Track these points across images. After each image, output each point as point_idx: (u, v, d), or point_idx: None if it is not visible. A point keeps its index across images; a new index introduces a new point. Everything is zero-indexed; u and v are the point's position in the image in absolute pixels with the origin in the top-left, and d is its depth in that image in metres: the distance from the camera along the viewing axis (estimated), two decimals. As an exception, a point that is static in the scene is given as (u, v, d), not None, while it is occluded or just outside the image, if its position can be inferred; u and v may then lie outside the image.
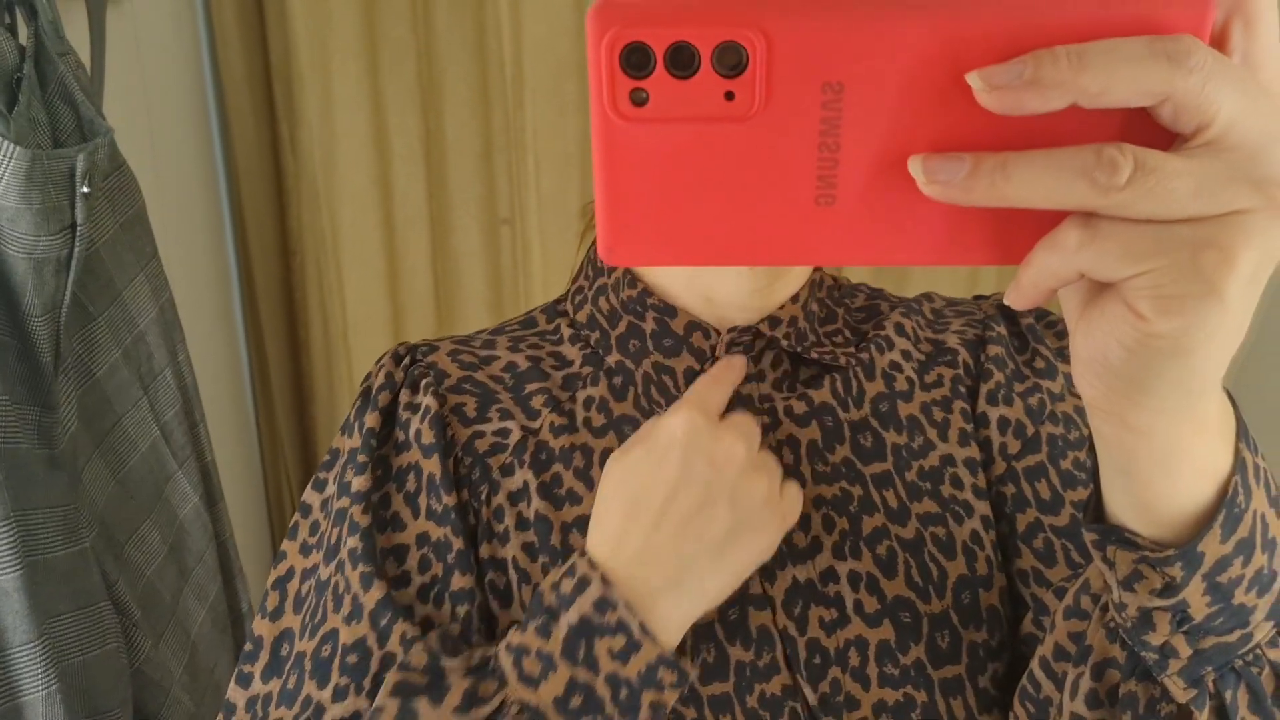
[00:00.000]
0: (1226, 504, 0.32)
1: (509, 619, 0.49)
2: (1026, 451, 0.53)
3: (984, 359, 0.56)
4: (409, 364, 0.55)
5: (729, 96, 0.27)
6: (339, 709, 0.46)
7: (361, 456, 0.52)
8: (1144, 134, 0.26)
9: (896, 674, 0.48)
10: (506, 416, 0.53)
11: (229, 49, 1.31)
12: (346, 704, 0.46)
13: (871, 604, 0.49)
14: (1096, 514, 0.37)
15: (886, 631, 0.48)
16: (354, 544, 0.49)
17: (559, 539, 0.50)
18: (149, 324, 0.98)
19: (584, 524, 0.50)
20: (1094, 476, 0.36)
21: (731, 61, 0.27)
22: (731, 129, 0.28)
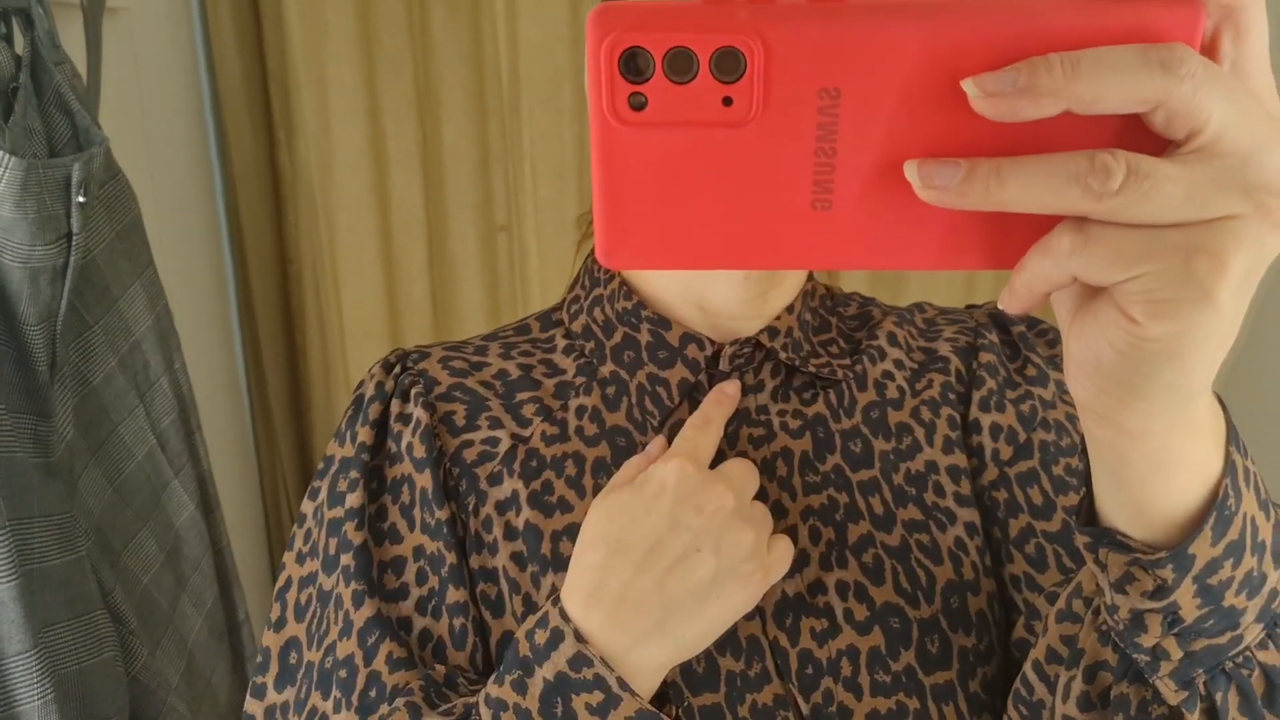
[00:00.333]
0: (1217, 506, 0.33)
1: (501, 629, 0.50)
2: (1019, 457, 0.53)
3: (976, 366, 0.56)
4: (399, 372, 0.55)
5: (727, 101, 0.28)
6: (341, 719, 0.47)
7: (354, 471, 0.52)
8: (1137, 140, 0.26)
9: (888, 681, 0.48)
10: (496, 425, 0.53)
11: (225, 57, 1.31)
12: (341, 717, 0.47)
13: (861, 611, 0.49)
14: (1089, 517, 0.37)
15: (877, 638, 0.48)
16: (348, 561, 0.50)
17: (549, 547, 0.50)
18: (145, 332, 0.98)
19: (574, 531, 0.50)
20: (1086, 479, 0.36)
21: (729, 67, 0.27)
22: (729, 134, 0.28)
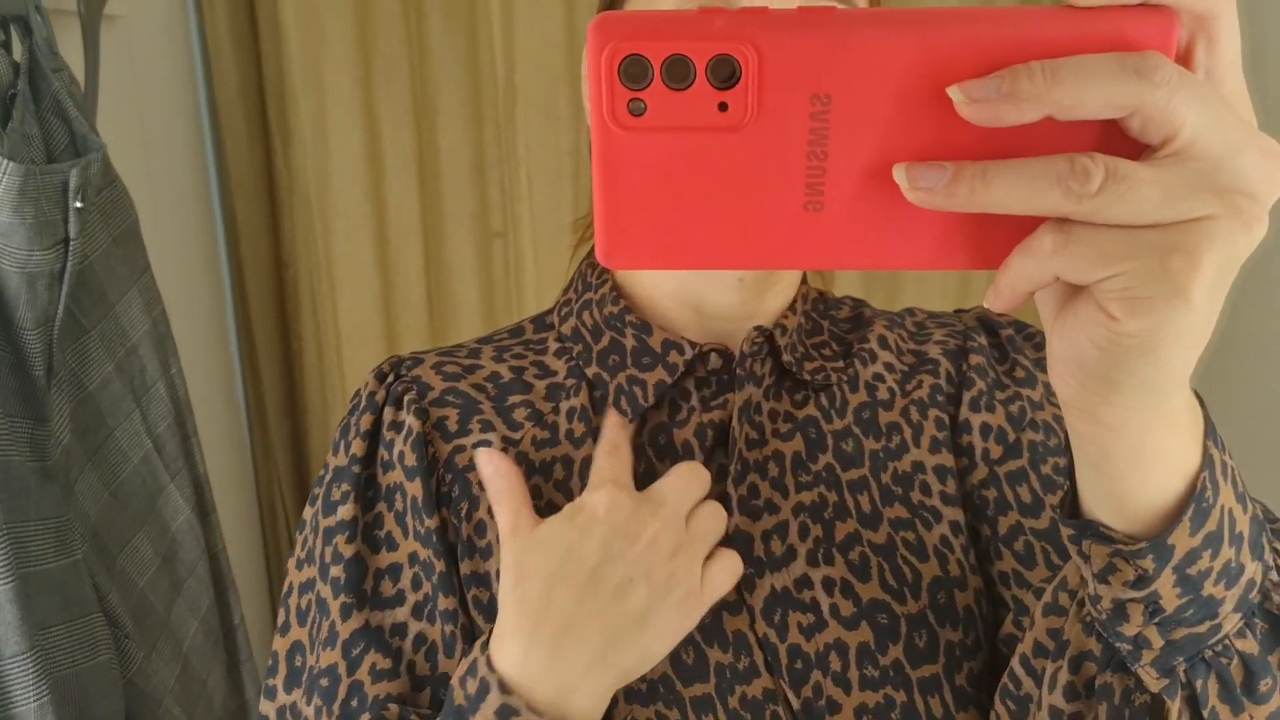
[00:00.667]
0: (1195, 499, 0.33)
1: None
2: (1008, 457, 0.54)
3: (966, 368, 0.57)
4: (393, 380, 0.56)
5: (722, 107, 0.29)
6: None
7: (346, 484, 0.53)
8: (1116, 145, 0.27)
9: (876, 675, 0.48)
10: (488, 428, 0.54)
11: (222, 64, 1.32)
12: None
13: (847, 607, 0.50)
14: (1073, 510, 0.38)
15: (865, 634, 0.49)
16: (337, 572, 0.51)
17: None
18: (142, 337, 0.98)
19: None
20: (1070, 474, 0.37)
21: (725, 74, 0.28)
22: (725, 138, 0.29)
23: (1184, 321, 0.27)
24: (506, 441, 0.54)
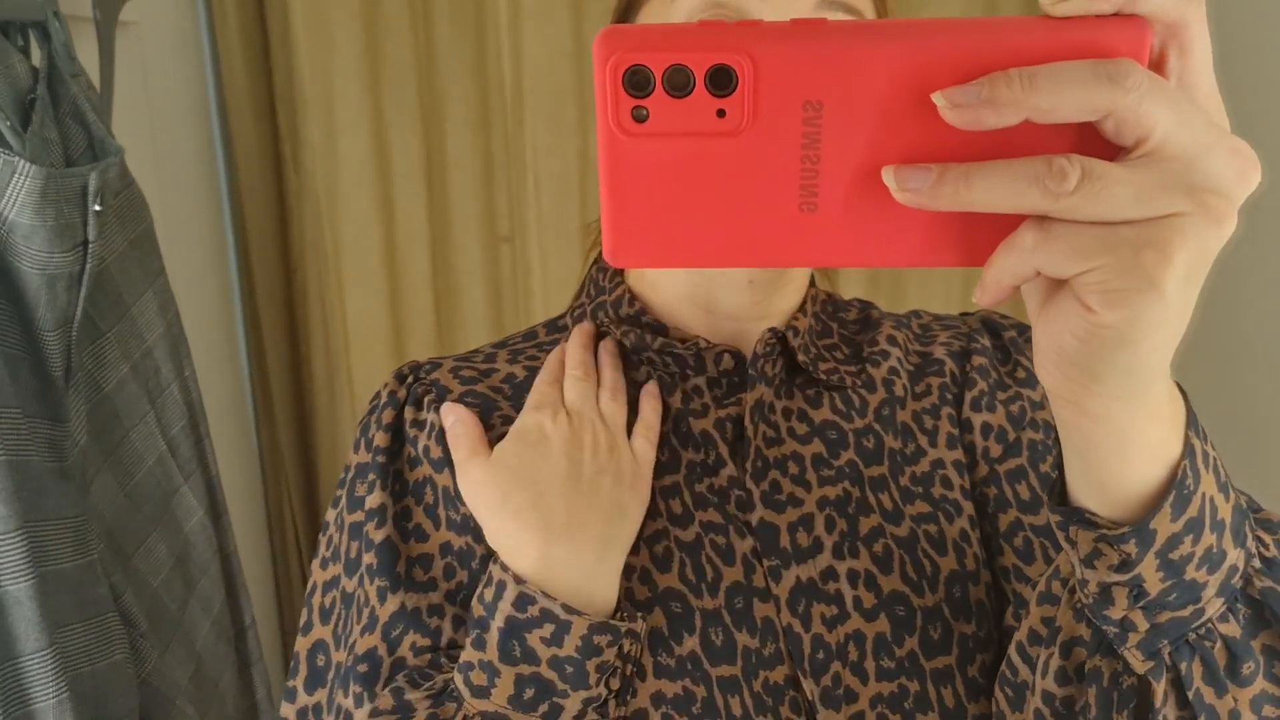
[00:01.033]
0: (1176, 486, 0.35)
1: None
2: (1008, 455, 0.56)
3: (969, 369, 0.58)
4: (412, 382, 0.57)
5: (721, 114, 0.30)
6: (359, 716, 0.49)
7: (372, 474, 0.54)
8: (1092, 147, 0.29)
9: (892, 666, 0.50)
10: (508, 422, 0.55)
11: (233, 71, 1.34)
12: (363, 711, 0.49)
13: (869, 599, 0.51)
14: (1061, 497, 0.39)
15: (883, 625, 0.51)
16: (370, 559, 0.52)
17: None
18: (156, 339, 1.00)
19: None
20: (1058, 463, 0.39)
21: (723, 82, 0.30)
22: (723, 143, 0.31)
23: (1158, 313, 0.29)
24: None
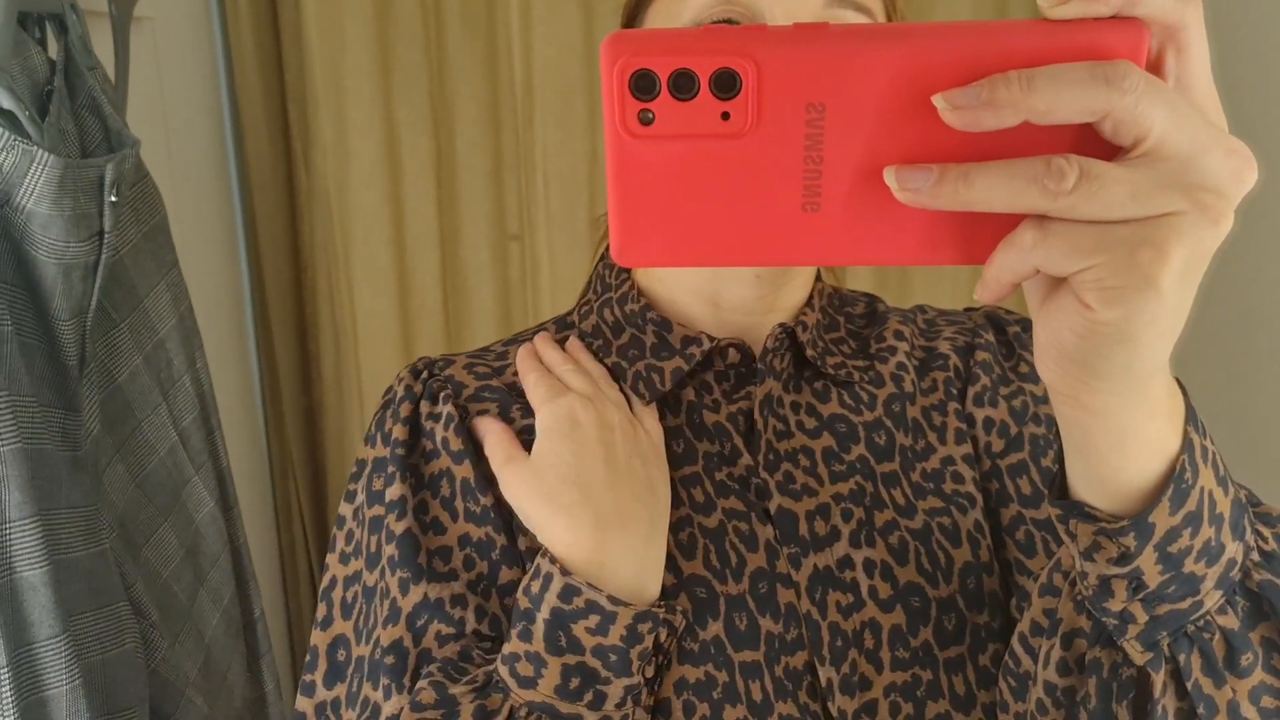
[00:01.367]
0: (1174, 480, 0.36)
1: None
2: (1010, 450, 0.56)
3: (973, 364, 0.59)
4: (427, 377, 0.57)
5: (725, 116, 0.31)
6: (389, 707, 0.49)
7: (391, 467, 0.54)
8: (1090, 147, 0.30)
9: (907, 657, 0.51)
10: (528, 414, 0.56)
11: (245, 69, 1.35)
12: (393, 702, 0.49)
13: (885, 589, 0.52)
14: (1062, 491, 0.40)
15: (898, 616, 0.51)
16: (391, 551, 0.52)
17: None
18: (169, 331, 1.00)
19: None
20: (1059, 457, 0.39)
21: (727, 86, 0.31)
22: (727, 145, 0.32)
23: (1155, 310, 0.30)
24: None
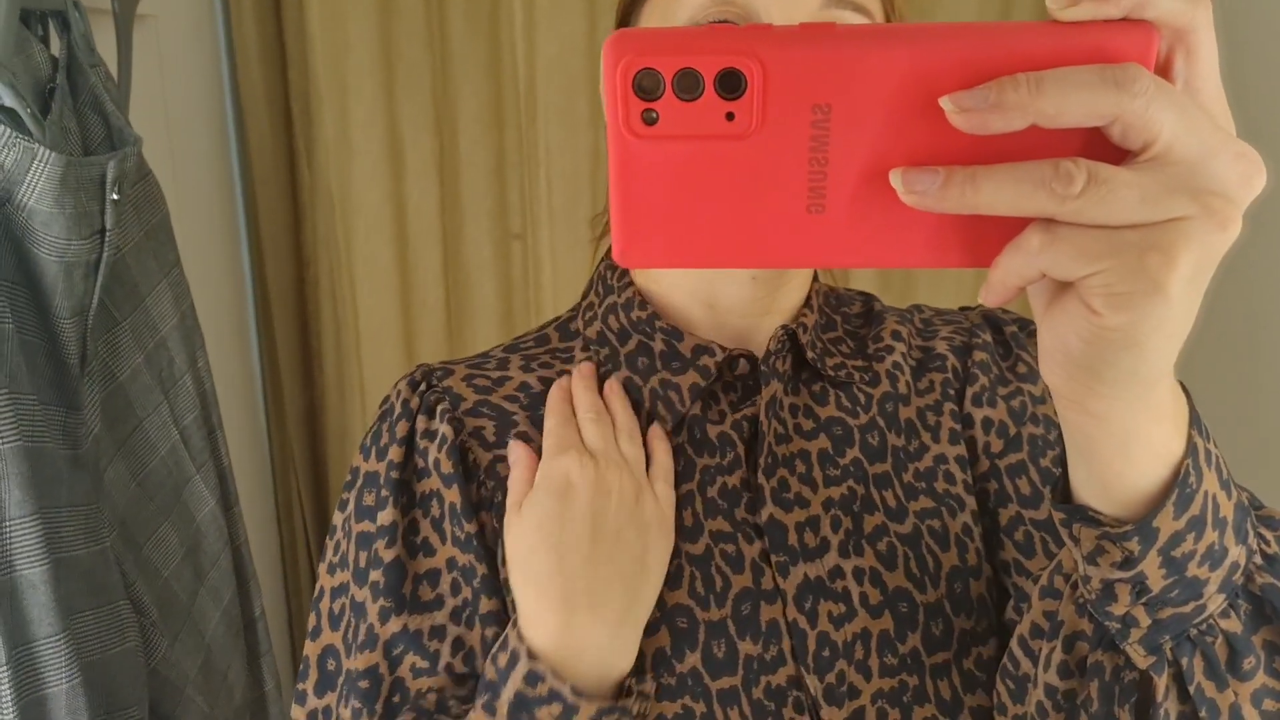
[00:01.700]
0: (1179, 484, 0.35)
1: None
2: (1009, 450, 0.56)
3: (970, 364, 0.59)
4: (425, 389, 0.57)
5: (729, 117, 0.31)
6: None
7: (384, 490, 0.54)
8: (1098, 150, 0.29)
9: (894, 663, 0.51)
10: (525, 440, 0.55)
11: (248, 66, 1.35)
12: None
13: (874, 595, 0.52)
14: (1065, 495, 0.40)
15: (886, 622, 0.51)
16: (377, 577, 0.52)
17: None
18: (170, 330, 1.00)
19: None
20: (1062, 461, 0.39)
21: (732, 86, 0.30)
22: (732, 145, 0.31)
23: (1163, 316, 0.29)
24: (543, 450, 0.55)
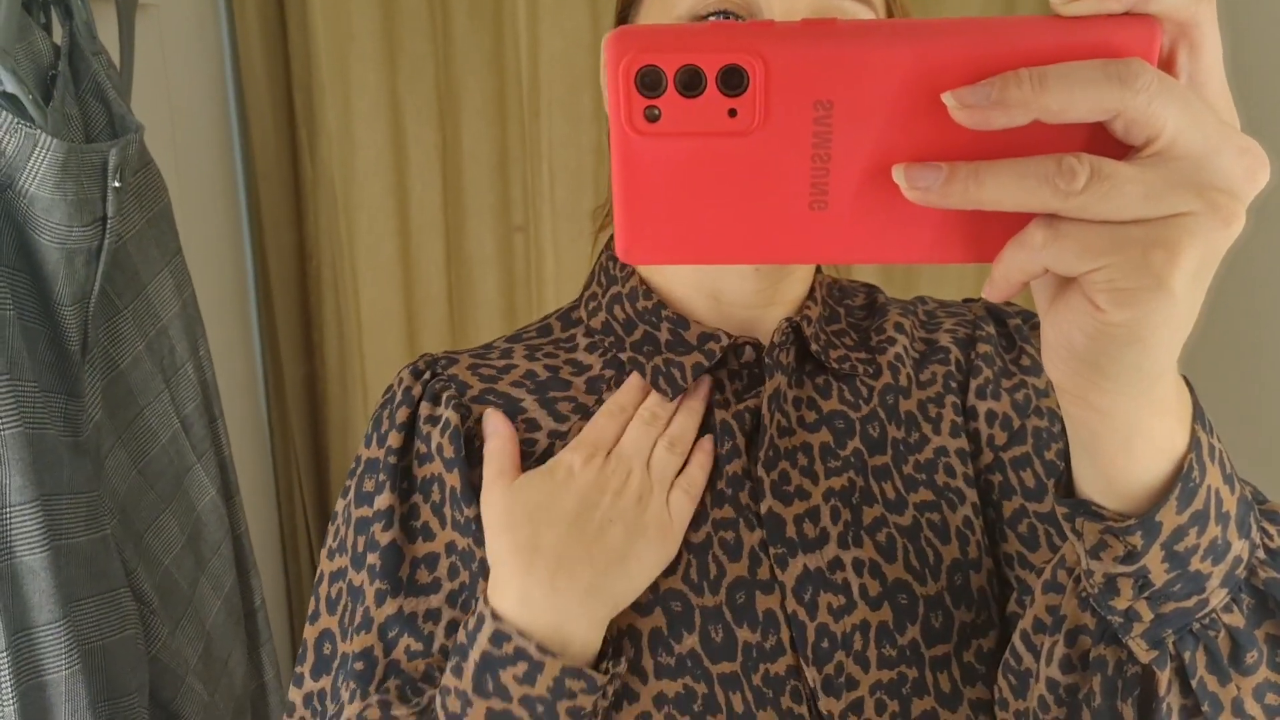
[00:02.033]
0: (1182, 479, 0.35)
1: None
2: (1013, 443, 0.56)
3: (974, 356, 0.59)
4: (429, 378, 0.57)
5: (732, 113, 0.31)
6: (349, 710, 0.50)
7: (382, 474, 0.54)
8: (1101, 146, 0.29)
9: (893, 655, 0.51)
10: (534, 427, 0.55)
11: (251, 57, 1.35)
12: (353, 707, 0.50)
13: (874, 587, 0.52)
14: (1068, 489, 0.40)
15: (886, 614, 0.51)
16: (373, 560, 0.53)
17: None
18: (172, 318, 1.00)
19: None
20: (1066, 455, 0.39)
21: (734, 82, 0.30)
22: (734, 142, 0.31)
23: (1166, 312, 0.29)
24: (553, 434, 0.55)
